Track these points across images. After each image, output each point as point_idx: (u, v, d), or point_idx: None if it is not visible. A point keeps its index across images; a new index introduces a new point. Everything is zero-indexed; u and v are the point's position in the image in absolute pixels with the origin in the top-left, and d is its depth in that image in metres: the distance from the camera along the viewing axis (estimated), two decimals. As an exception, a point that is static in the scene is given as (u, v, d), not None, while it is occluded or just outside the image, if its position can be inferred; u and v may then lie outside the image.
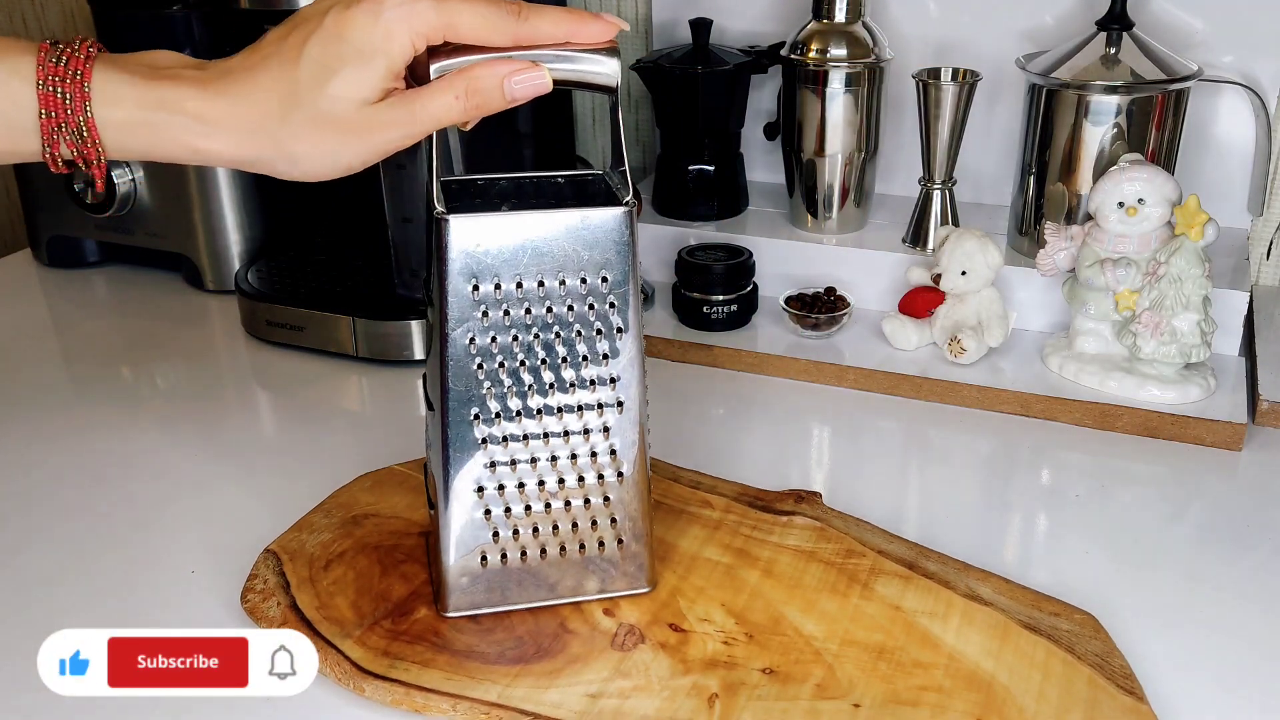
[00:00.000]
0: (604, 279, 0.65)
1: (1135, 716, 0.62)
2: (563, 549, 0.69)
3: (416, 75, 0.61)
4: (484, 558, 0.69)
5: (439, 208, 0.63)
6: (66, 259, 1.26)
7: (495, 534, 0.68)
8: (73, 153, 0.60)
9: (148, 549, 0.79)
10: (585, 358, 0.66)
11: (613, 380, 0.67)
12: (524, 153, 1.08)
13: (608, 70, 0.62)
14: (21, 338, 1.13)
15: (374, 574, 0.73)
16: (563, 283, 0.65)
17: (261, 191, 1.18)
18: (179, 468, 0.89)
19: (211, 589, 0.74)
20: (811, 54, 1.06)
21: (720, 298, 1.04)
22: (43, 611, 0.73)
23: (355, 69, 0.58)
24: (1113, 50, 0.98)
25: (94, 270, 1.26)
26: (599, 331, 0.66)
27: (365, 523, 0.79)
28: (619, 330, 0.66)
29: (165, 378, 1.04)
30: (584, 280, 0.65)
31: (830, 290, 1.06)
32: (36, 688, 0.65)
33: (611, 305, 0.66)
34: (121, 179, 1.16)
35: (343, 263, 1.15)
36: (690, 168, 1.15)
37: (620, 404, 0.67)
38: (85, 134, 0.59)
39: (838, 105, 1.07)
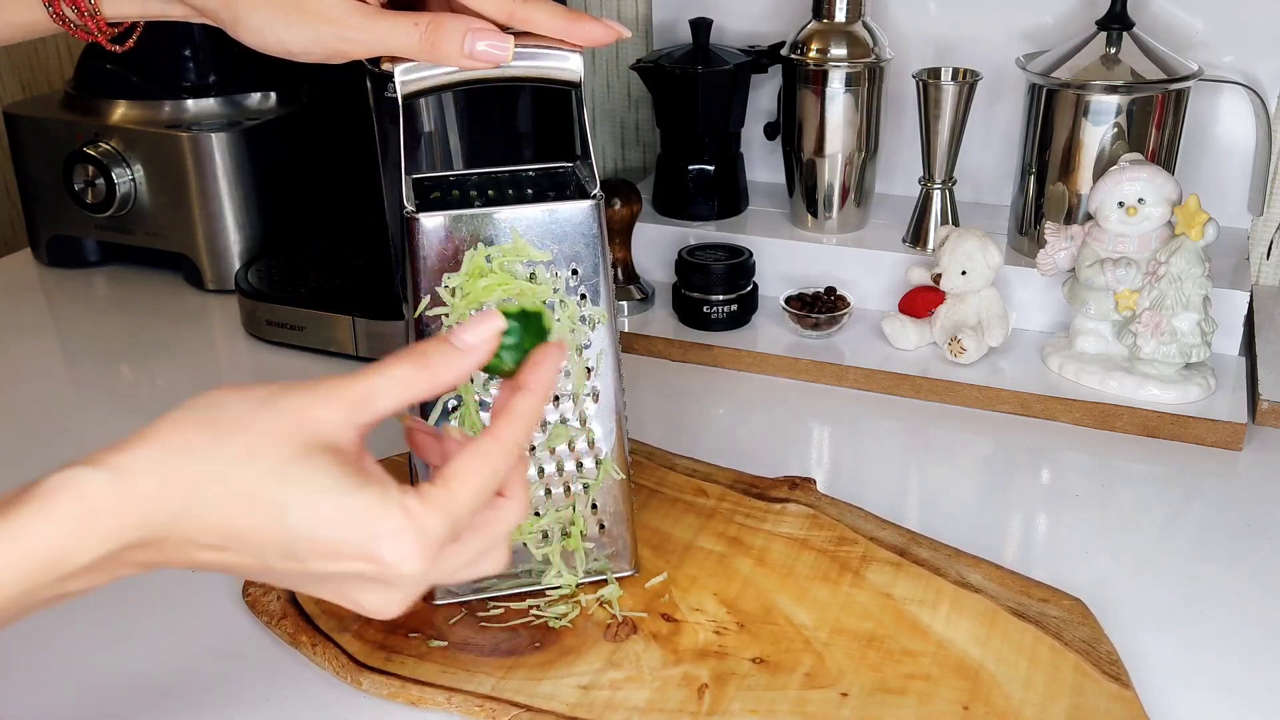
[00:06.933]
0: (574, 271, 0.66)
1: (1120, 703, 0.62)
2: (545, 535, 0.70)
3: None
4: None
5: (409, 206, 0.64)
6: (66, 259, 1.26)
7: None
8: (72, 9, 0.62)
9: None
10: None
11: (588, 370, 0.67)
12: (524, 152, 1.08)
13: (570, 66, 0.63)
14: (21, 338, 1.13)
15: (370, 567, 0.73)
16: (533, 276, 0.65)
17: (261, 191, 1.19)
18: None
19: (214, 583, 0.74)
20: (811, 54, 1.06)
21: (720, 298, 1.04)
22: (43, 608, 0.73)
23: None
24: (1113, 50, 0.98)
25: (94, 270, 1.26)
26: None
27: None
28: (591, 322, 0.67)
29: (165, 378, 1.04)
30: (555, 274, 0.65)
31: (830, 290, 1.06)
32: (36, 689, 0.66)
33: (583, 297, 0.66)
34: (121, 179, 1.16)
35: (343, 263, 1.15)
36: (690, 168, 1.15)
37: (596, 394, 0.68)
38: None
39: (838, 105, 1.07)
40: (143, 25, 0.67)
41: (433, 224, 0.63)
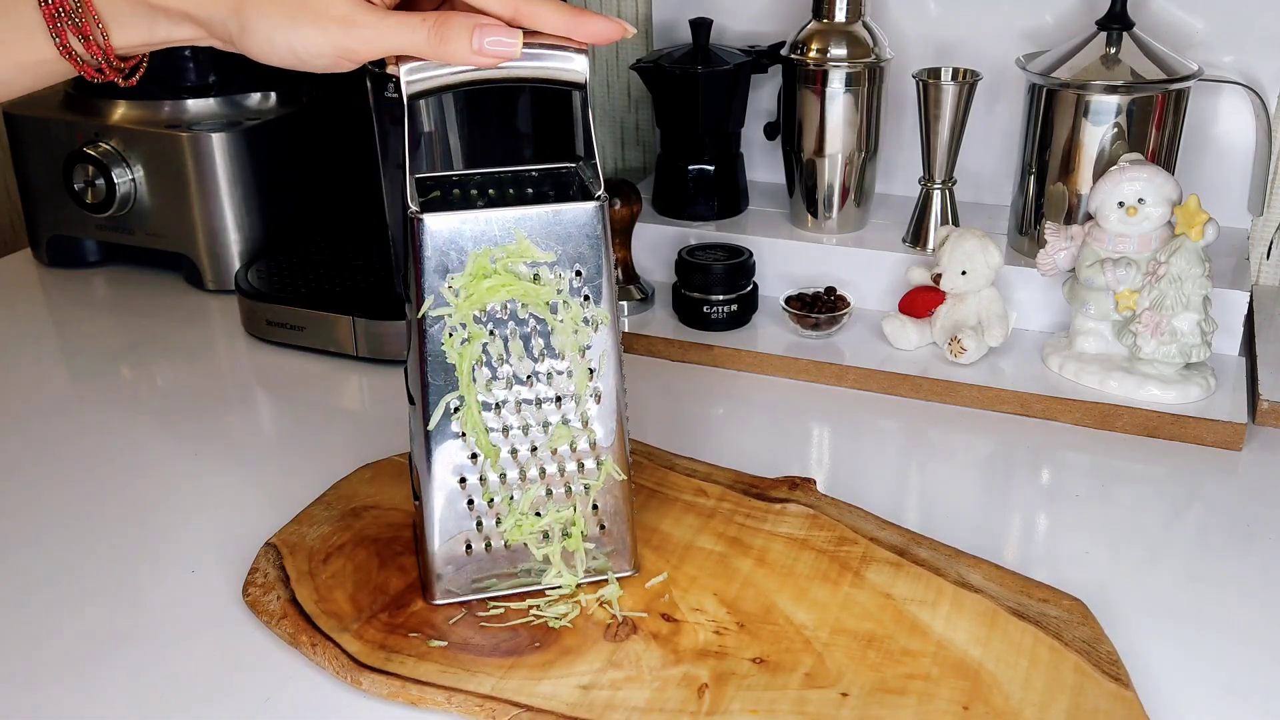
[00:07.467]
0: (578, 272, 0.66)
1: (1120, 703, 0.62)
2: (546, 535, 0.70)
3: None
4: (468, 545, 0.69)
5: (413, 206, 0.63)
6: (66, 259, 1.26)
7: (479, 522, 0.69)
8: (79, 39, 0.62)
9: (150, 544, 0.79)
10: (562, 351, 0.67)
11: (590, 372, 0.67)
12: (525, 152, 1.08)
13: (576, 67, 0.63)
14: (21, 338, 1.13)
15: (372, 566, 0.73)
16: (537, 277, 0.65)
17: (261, 191, 1.19)
18: (179, 466, 0.89)
19: (214, 582, 0.74)
20: (811, 54, 1.06)
21: (720, 298, 1.04)
22: (46, 607, 0.73)
23: None
24: (1113, 50, 0.98)
25: (94, 270, 1.26)
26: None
27: (365, 515, 0.79)
28: (594, 323, 0.67)
29: (165, 378, 1.04)
30: (558, 275, 0.65)
31: (830, 290, 1.06)
32: (38, 686, 0.66)
33: (586, 298, 0.66)
34: (121, 179, 1.16)
35: (343, 263, 1.15)
36: (690, 168, 1.15)
37: (598, 395, 0.68)
38: (81, 8, 0.61)
39: (838, 105, 1.07)
40: (148, 57, 0.67)
41: (437, 224, 0.63)
